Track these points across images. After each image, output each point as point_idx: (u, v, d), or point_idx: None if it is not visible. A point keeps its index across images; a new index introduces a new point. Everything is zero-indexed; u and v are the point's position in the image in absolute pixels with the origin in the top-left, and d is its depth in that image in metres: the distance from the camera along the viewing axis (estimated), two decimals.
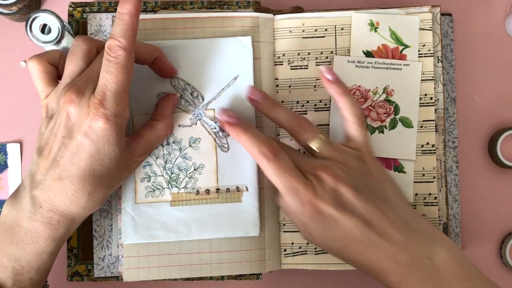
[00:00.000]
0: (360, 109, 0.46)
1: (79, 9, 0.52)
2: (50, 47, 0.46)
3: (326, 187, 0.42)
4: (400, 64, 0.52)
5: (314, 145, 0.45)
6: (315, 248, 0.51)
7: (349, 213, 0.41)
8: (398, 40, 0.52)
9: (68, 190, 0.41)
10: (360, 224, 0.41)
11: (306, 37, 0.52)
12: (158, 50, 0.46)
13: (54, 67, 0.44)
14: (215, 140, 0.49)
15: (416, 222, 0.43)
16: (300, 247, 0.51)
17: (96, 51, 0.44)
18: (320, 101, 0.52)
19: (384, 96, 0.52)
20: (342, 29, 0.52)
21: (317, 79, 0.52)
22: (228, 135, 0.49)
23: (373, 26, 0.52)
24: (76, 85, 0.41)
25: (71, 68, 0.43)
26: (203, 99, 0.49)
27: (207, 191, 0.49)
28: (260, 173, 0.50)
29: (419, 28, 0.52)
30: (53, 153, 0.42)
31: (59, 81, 0.44)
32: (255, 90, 0.46)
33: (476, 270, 0.41)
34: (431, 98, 0.51)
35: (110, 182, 0.44)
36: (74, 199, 0.42)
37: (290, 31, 0.52)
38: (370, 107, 0.51)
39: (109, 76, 0.40)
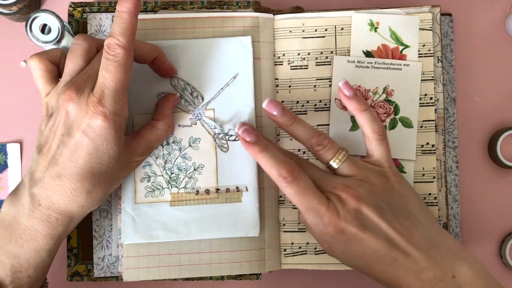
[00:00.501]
0: (380, 124, 0.46)
1: (79, 9, 0.52)
2: (50, 47, 0.46)
3: (348, 208, 0.42)
4: (400, 64, 0.51)
5: (336, 165, 0.45)
6: (315, 248, 0.51)
7: (372, 233, 0.41)
8: (398, 40, 0.52)
9: (67, 188, 0.41)
10: (384, 243, 0.41)
11: (306, 37, 0.52)
12: (158, 49, 0.46)
13: (55, 66, 0.44)
14: (214, 140, 0.49)
15: (440, 238, 0.42)
16: (300, 247, 0.51)
17: (96, 50, 0.44)
18: (320, 101, 0.52)
19: (384, 96, 0.52)
20: (342, 29, 0.52)
21: (317, 79, 0.52)
22: (228, 139, 0.49)
23: (373, 26, 0.52)
24: (75, 83, 0.41)
25: (71, 66, 0.43)
26: (202, 99, 0.49)
27: (207, 191, 0.49)
28: (260, 173, 0.50)
29: (419, 28, 0.52)
30: (52, 151, 0.42)
31: (60, 79, 0.44)
32: (272, 103, 0.45)
33: (499, 286, 0.42)
34: (431, 98, 0.51)
35: (109, 180, 0.43)
36: (73, 197, 0.42)
37: (290, 31, 0.52)
38: (370, 107, 0.51)
39: (108, 75, 0.40)
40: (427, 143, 0.51)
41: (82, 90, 0.41)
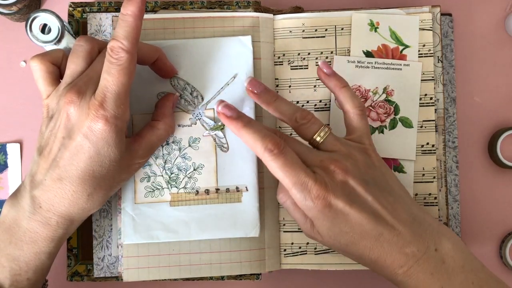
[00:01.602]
0: (360, 100, 0.46)
1: (79, 9, 0.52)
2: (50, 47, 0.46)
3: (336, 180, 0.41)
4: (400, 64, 0.51)
5: (320, 138, 0.44)
6: (315, 248, 0.51)
7: (359, 207, 0.41)
8: (398, 40, 0.52)
9: (68, 190, 0.41)
10: (370, 217, 0.41)
11: (306, 37, 0.52)
12: (159, 50, 0.46)
13: (56, 67, 0.44)
14: (214, 140, 0.49)
15: (421, 215, 0.42)
16: (300, 247, 0.51)
17: (98, 51, 0.44)
18: (320, 101, 0.52)
19: (384, 96, 0.52)
20: (342, 29, 0.52)
21: (317, 79, 0.52)
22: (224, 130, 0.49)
23: (373, 26, 0.52)
24: (76, 85, 0.41)
25: (72, 68, 0.43)
26: (202, 98, 0.49)
27: (207, 191, 0.49)
28: (260, 173, 0.49)
29: (419, 28, 0.52)
30: (53, 153, 0.42)
31: (61, 80, 0.44)
32: (254, 81, 0.45)
33: (478, 261, 0.42)
34: (431, 98, 0.51)
35: (110, 183, 0.43)
36: (74, 200, 0.42)
37: (290, 31, 0.52)
38: (370, 107, 0.51)
39: (110, 78, 0.40)
40: (427, 143, 0.51)
41: (84, 93, 0.41)
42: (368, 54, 0.52)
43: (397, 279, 0.41)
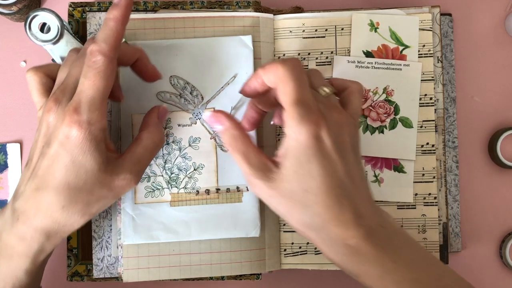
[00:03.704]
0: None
1: (79, 9, 0.52)
2: (49, 46, 0.46)
3: (334, 119, 0.40)
4: (400, 64, 0.52)
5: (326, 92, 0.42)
6: (315, 248, 0.51)
7: (341, 158, 0.39)
8: (398, 40, 0.52)
9: (43, 202, 0.39)
10: (338, 178, 0.39)
11: (306, 37, 0.52)
12: (139, 51, 0.45)
13: (51, 79, 0.43)
14: (215, 139, 0.49)
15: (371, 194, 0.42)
16: (300, 247, 0.51)
17: None
18: None
19: (384, 96, 0.52)
20: (342, 29, 0.52)
21: None
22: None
23: (373, 26, 0.52)
24: (55, 93, 0.40)
25: (60, 76, 0.42)
26: (202, 98, 0.49)
27: (207, 191, 0.49)
28: None
29: (419, 29, 0.52)
30: (33, 163, 0.40)
31: None
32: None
33: (415, 240, 0.42)
34: (431, 98, 0.51)
35: (87, 198, 0.40)
36: (47, 212, 0.40)
37: (290, 31, 0.52)
38: (370, 107, 0.51)
39: (86, 82, 0.38)
40: (427, 143, 0.51)
41: (60, 100, 0.40)
42: (368, 54, 0.52)
43: (346, 251, 0.39)
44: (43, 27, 0.46)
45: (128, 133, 0.49)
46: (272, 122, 0.47)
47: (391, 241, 0.40)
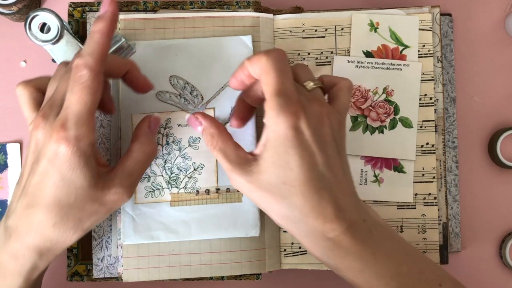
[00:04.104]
0: None
1: (79, 9, 0.52)
2: (49, 46, 0.46)
3: (314, 111, 0.39)
4: (400, 65, 0.52)
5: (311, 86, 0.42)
6: None
7: (321, 150, 0.39)
8: (398, 40, 0.52)
9: (34, 219, 0.39)
10: (317, 171, 0.39)
11: (306, 37, 0.52)
12: (130, 63, 0.44)
13: (41, 93, 0.43)
14: None
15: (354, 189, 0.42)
16: (300, 247, 0.51)
17: None
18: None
19: (384, 96, 0.52)
20: (342, 29, 0.52)
21: None
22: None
23: (373, 26, 0.52)
24: (42, 110, 0.40)
25: (49, 91, 0.42)
26: (202, 98, 0.49)
27: (207, 191, 0.49)
28: None
29: (419, 29, 0.52)
30: (24, 180, 0.40)
31: None
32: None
33: (398, 234, 0.42)
34: (430, 98, 0.51)
35: (79, 215, 0.40)
36: (39, 230, 0.39)
37: (290, 31, 0.52)
38: (370, 107, 0.52)
39: (73, 97, 0.38)
40: (427, 143, 0.51)
41: (48, 116, 0.39)
42: (368, 54, 0.52)
43: (326, 244, 0.39)
44: (43, 27, 0.46)
45: (128, 133, 0.49)
46: (229, 125, 0.47)
47: (372, 234, 0.40)
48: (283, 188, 0.39)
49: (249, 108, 0.45)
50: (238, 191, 0.49)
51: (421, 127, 0.51)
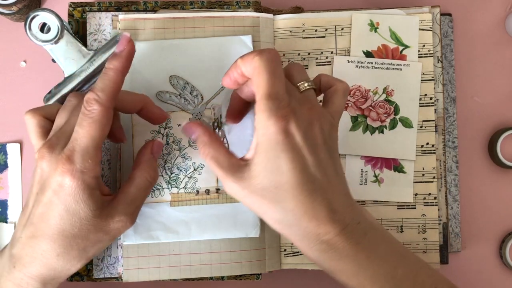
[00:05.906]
0: None
1: (79, 9, 0.52)
2: (49, 46, 0.46)
3: (304, 114, 0.39)
4: (400, 64, 0.52)
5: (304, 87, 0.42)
6: None
7: (312, 152, 0.39)
8: (398, 40, 0.52)
9: (38, 249, 0.40)
10: (309, 172, 0.38)
11: (306, 37, 0.52)
12: (144, 99, 0.45)
13: (49, 121, 0.43)
14: None
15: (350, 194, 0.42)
16: None
17: None
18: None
19: (384, 96, 0.52)
20: (342, 29, 0.52)
21: None
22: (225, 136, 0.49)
23: (373, 26, 0.52)
24: (50, 140, 0.40)
25: (58, 121, 0.42)
26: (202, 98, 0.49)
27: (207, 191, 0.49)
28: None
29: (419, 29, 0.52)
30: (28, 209, 0.41)
31: None
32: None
33: (393, 236, 0.42)
34: (431, 98, 0.51)
35: (83, 244, 0.40)
36: (43, 260, 0.40)
37: (290, 31, 0.52)
38: (370, 107, 0.52)
39: (81, 130, 0.39)
40: (427, 143, 0.51)
41: (54, 147, 0.39)
42: (368, 54, 0.52)
43: (320, 247, 0.39)
44: (43, 27, 0.46)
45: (128, 133, 0.49)
46: (225, 121, 0.47)
47: (367, 236, 0.39)
48: (276, 192, 0.38)
49: (244, 103, 0.45)
50: None
51: (421, 127, 0.51)
